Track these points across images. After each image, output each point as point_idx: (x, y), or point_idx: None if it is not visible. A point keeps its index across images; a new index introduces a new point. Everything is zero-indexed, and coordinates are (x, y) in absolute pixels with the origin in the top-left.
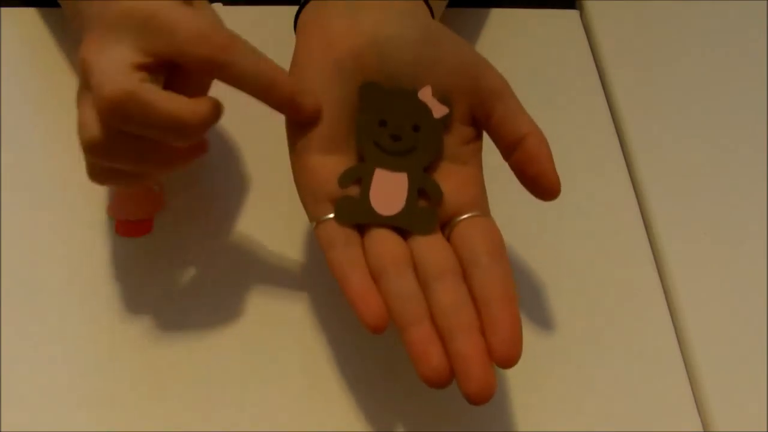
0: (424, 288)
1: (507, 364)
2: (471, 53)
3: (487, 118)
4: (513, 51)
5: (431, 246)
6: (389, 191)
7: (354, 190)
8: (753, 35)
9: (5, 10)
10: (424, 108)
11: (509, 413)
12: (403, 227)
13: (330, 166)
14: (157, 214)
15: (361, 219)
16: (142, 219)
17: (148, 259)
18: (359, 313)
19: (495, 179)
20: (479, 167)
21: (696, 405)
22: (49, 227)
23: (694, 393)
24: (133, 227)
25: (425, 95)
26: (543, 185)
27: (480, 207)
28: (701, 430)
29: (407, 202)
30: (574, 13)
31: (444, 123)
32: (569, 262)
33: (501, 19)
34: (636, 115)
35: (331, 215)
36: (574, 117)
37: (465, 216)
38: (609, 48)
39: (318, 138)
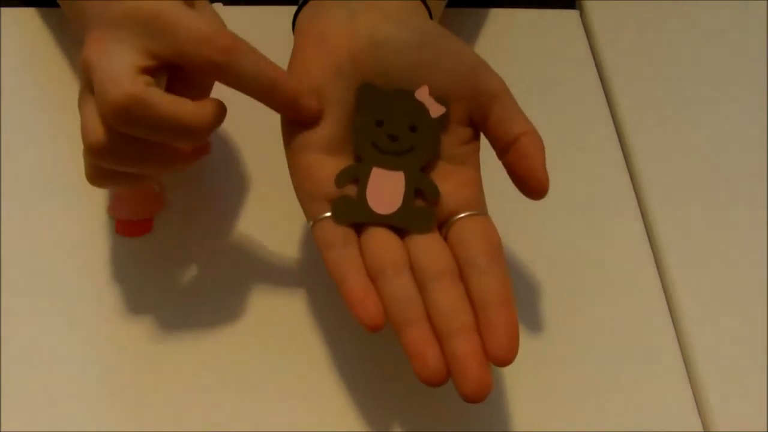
0: (421, 288)
1: (503, 363)
2: (469, 55)
3: (485, 120)
4: (513, 51)
5: (428, 246)
6: (386, 190)
7: (351, 189)
8: (753, 35)
9: (5, 10)
10: (421, 108)
11: (508, 413)
12: (401, 226)
13: (327, 165)
14: (157, 213)
15: (358, 218)
16: (142, 219)
17: (148, 259)
18: (356, 314)
19: (493, 180)
20: (477, 168)
21: (696, 405)
22: (49, 227)
23: (694, 393)
24: (134, 227)
25: (422, 95)
26: (531, 183)
27: (478, 207)
28: (701, 430)
29: (404, 201)
30: (574, 13)
31: (441, 122)
32: (568, 261)
33: (501, 19)
34: (636, 115)
35: (328, 214)
36: (574, 117)
37: (462, 215)
38: (609, 48)
39: (315, 138)
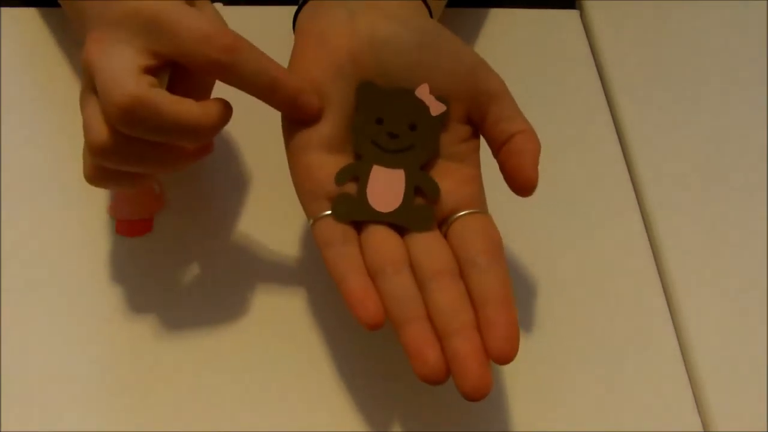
0: (421, 286)
1: (503, 361)
2: (469, 55)
3: (483, 119)
4: (513, 51)
5: (429, 244)
6: (386, 188)
7: (351, 187)
8: (753, 35)
9: (5, 10)
10: (421, 106)
11: (508, 413)
12: (401, 224)
13: (327, 164)
14: (158, 213)
15: (359, 216)
16: (142, 218)
17: (148, 259)
18: (356, 312)
19: (494, 179)
20: (477, 165)
21: (696, 405)
22: (49, 227)
23: (694, 393)
24: (134, 227)
25: (422, 93)
26: (519, 179)
27: (478, 204)
28: (701, 430)
29: (404, 199)
30: (574, 13)
31: (441, 121)
32: (568, 260)
33: (501, 19)
34: (636, 115)
35: (329, 212)
36: (573, 117)
37: (462, 213)
38: (609, 48)
39: (315, 137)
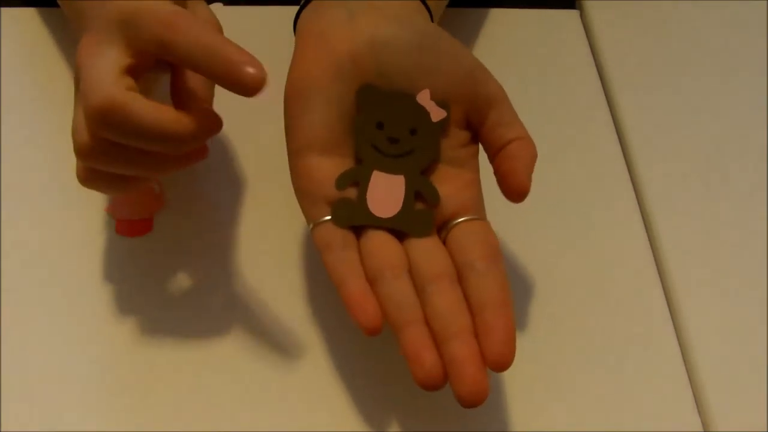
0: (419, 291)
1: (500, 367)
2: (468, 59)
3: (481, 123)
4: (513, 51)
5: (427, 249)
6: (386, 194)
7: (351, 192)
8: (753, 35)
9: (5, 10)
10: (421, 111)
11: (507, 413)
12: (400, 230)
13: (327, 168)
14: (157, 213)
15: (358, 221)
16: (142, 218)
17: (148, 259)
18: (355, 316)
19: (493, 181)
20: (476, 171)
21: (696, 405)
22: (49, 227)
23: (694, 393)
24: (134, 227)
25: (423, 99)
26: (512, 184)
27: (477, 210)
28: (701, 430)
29: (404, 204)
30: (574, 13)
31: (441, 127)
32: (568, 260)
33: (501, 19)
34: (636, 115)
35: (328, 217)
36: (573, 117)
37: (461, 219)
38: (609, 48)
39: (316, 140)
